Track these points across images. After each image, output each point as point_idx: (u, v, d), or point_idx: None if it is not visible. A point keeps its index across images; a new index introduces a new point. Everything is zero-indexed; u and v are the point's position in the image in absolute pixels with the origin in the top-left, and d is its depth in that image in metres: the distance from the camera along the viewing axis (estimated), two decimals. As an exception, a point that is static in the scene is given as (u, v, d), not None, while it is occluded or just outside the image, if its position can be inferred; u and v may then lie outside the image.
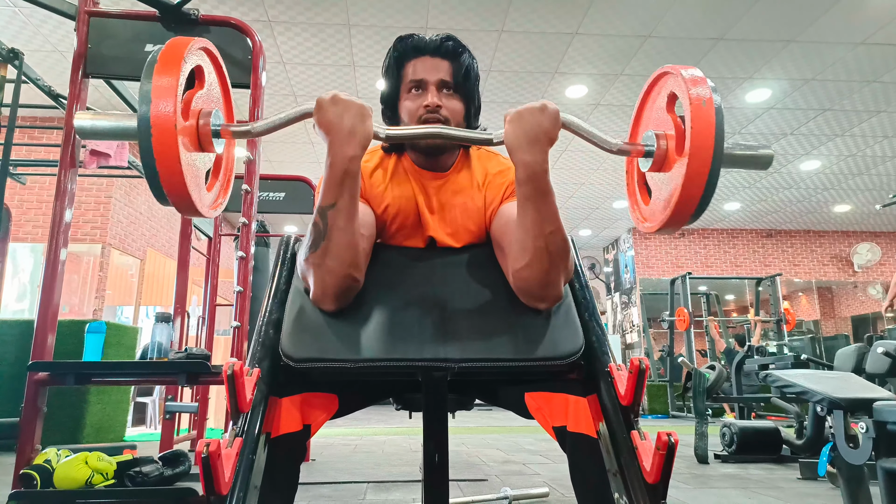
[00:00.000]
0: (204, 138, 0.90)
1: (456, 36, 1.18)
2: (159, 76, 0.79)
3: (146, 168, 0.80)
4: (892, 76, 5.54)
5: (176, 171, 0.80)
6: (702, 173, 0.84)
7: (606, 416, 0.95)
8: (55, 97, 3.37)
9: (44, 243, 5.07)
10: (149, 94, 0.78)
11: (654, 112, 1.00)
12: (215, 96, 0.98)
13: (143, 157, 0.79)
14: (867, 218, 10.18)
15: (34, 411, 2.10)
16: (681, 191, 0.86)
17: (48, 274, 2.22)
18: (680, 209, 0.88)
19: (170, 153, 0.79)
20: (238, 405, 0.87)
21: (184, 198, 0.84)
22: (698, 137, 0.83)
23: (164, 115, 0.78)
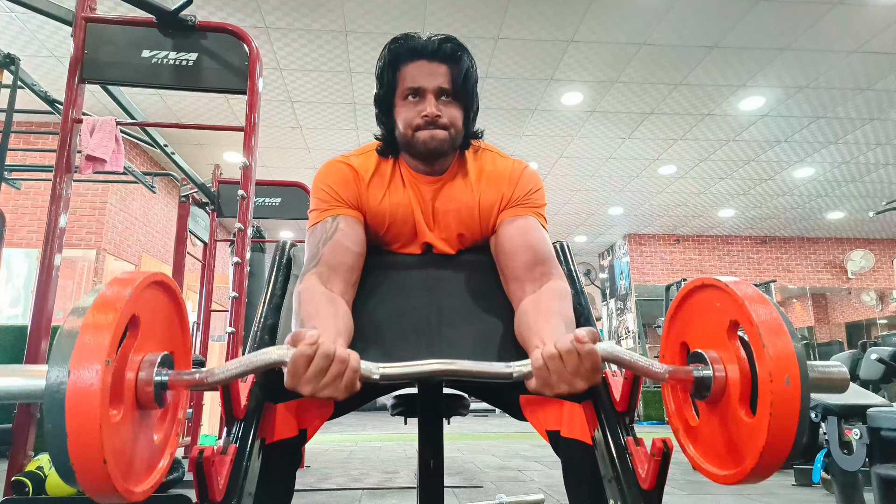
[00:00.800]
0: (144, 397, 0.70)
1: (454, 37, 1.12)
2: (86, 331, 0.61)
3: (52, 441, 0.59)
4: (886, 84, 5.58)
5: (94, 449, 0.59)
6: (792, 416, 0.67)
7: (601, 422, 0.95)
8: (51, 102, 3.37)
9: (38, 248, 5.05)
10: (67, 356, 0.60)
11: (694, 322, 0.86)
12: (164, 335, 0.79)
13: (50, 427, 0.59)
14: (861, 225, 10.23)
15: (27, 417, 2.08)
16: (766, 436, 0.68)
17: (42, 279, 2.21)
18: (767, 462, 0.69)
19: (88, 433, 0.59)
20: (233, 411, 0.87)
21: (102, 482, 0.61)
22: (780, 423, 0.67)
23: (86, 381, 0.59)
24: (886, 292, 11.11)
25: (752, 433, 0.71)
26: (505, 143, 6.77)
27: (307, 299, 0.97)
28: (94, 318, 0.63)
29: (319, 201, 1.13)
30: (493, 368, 0.80)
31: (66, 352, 0.60)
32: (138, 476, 0.70)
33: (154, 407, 0.72)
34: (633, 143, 6.90)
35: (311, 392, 0.75)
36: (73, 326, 0.62)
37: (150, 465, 0.74)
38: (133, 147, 6.55)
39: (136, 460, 0.70)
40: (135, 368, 0.70)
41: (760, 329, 0.70)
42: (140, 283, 0.69)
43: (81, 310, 0.64)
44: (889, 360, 3.35)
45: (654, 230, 10.64)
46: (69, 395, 0.59)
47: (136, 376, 0.70)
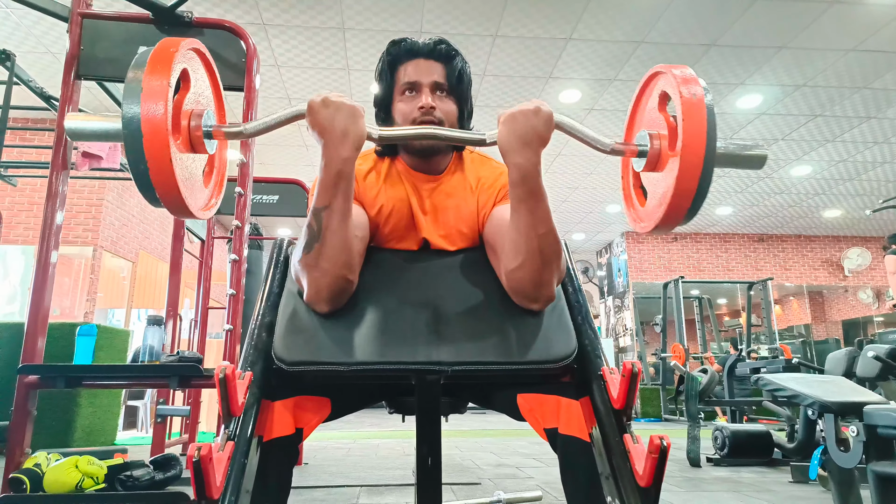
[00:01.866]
0: (195, 139, 0.88)
1: (448, 40, 1.19)
2: (150, 76, 0.77)
3: (135, 170, 0.78)
4: (883, 83, 5.59)
5: (168, 174, 0.78)
6: (694, 171, 0.84)
7: (599, 420, 0.95)
8: (47, 99, 3.36)
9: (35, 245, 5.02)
10: (137, 94, 0.76)
11: (647, 112, 1.00)
12: (206, 97, 0.97)
13: (132, 159, 0.77)
14: (858, 223, 10.26)
15: (24, 415, 2.08)
16: (674, 189, 0.85)
17: (39, 276, 2.21)
18: (674, 208, 0.88)
19: (161, 155, 0.77)
20: (230, 409, 0.86)
21: (176, 200, 0.82)
22: (690, 135, 0.83)
23: (155, 115, 0.76)
24: (883, 290, 11.15)
25: (673, 168, 0.87)
26: (503, 140, 6.77)
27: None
28: (154, 67, 0.77)
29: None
30: (469, 135, 0.98)
31: (135, 92, 0.76)
32: (198, 199, 0.91)
33: (203, 150, 0.89)
34: (630, 140, 6.90)
35: (327, 118, 0.91)
36: (137, 74, 0.77)
37: (205, 200, 0.96)
38: (130, 144, 6.53)
39: (195, 188, 0.90)
40: (188, 117, 0.87)
41: (682, 92, 0.84)
42: (184, 45, 0.84)
43: (142, 62, 0.78)
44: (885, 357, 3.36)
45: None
46: (143, 126, 0.75)
47: (188, 123, 0.87)
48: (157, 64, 0.78)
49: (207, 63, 0.97)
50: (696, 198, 0.86)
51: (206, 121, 0.89)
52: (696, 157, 0.83)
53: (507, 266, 1.02)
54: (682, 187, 0.85)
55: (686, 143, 0.83)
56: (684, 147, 0.83)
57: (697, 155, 0.83)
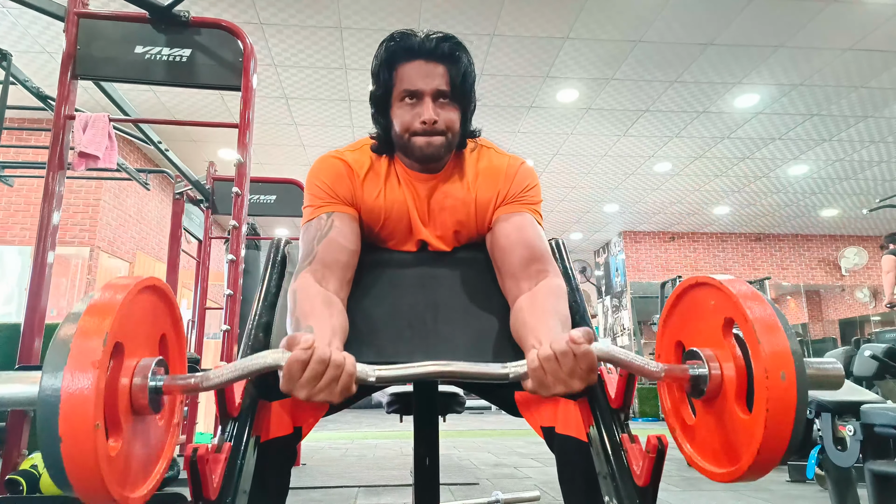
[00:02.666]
0: (138, 405, 0.69)
1: (452, 34, 1.09)
2: (79, 339, 0.61)
3: (46, 450, 0.59)
4: (879, 82, 5.60)
5: (89, 458, 0.59)
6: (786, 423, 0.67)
7: (597, 419, 0.95)
8: (43, 98, 3.34)
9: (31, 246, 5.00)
10: (62, 362, 0.60)
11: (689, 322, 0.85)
12: (158, 338, 0.79)
13: (44, 437, 0.59)
14: (854, 222, 10.28)
15: (21, 416, 2.07)
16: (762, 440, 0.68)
17: (35, 277, 2.20)
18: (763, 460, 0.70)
19: (82, 443, 0.58)
20: (227, 409, 0.86)
21: (98, 491, 0.61)
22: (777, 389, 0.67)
23: (79, 393, 0.58)
24: (880, 289, 11.17)
25: (748, 431, 0.70)
26: (500, 140, 6.77)
27: (302, 298, 0.96)
28: (87, 325, 0.62)
29: (314, 197, 1.12)
30: (489, 370, 0.80)
31: (60, 359, 0.60)
32: (135, 482, 0.70)
33: (150, 412, 0.71)
34: (628, 140, 6.90)
35: (306, 396, 0.74)
36: (67, 333, 0.62)
37: (146, 470, 0.73)
38: (126, 144, 6.51)
39: (132, 466, 0.69)
40: (129, 374, 0.69)
41: (755, 326, 0.70)
42: (133, 289, 0.69)
43: (75, 316, 0.63)
44: (882, 356, 3.37)
45: (649, 227, 10.66)
46: (63, 402, 0.58)
47: (130, 382, 0.69)
48: (93, 321, 0.63)
49: (166, 299, 0.80)
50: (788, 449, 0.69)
51: (155, 376, 0.71)
52: (788, 411, 0.67)
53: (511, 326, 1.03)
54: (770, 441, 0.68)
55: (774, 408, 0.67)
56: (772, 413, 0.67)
57: (789, 409, 0.67)
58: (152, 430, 0.76)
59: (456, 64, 1.07)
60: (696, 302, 0.84)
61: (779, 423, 0.67)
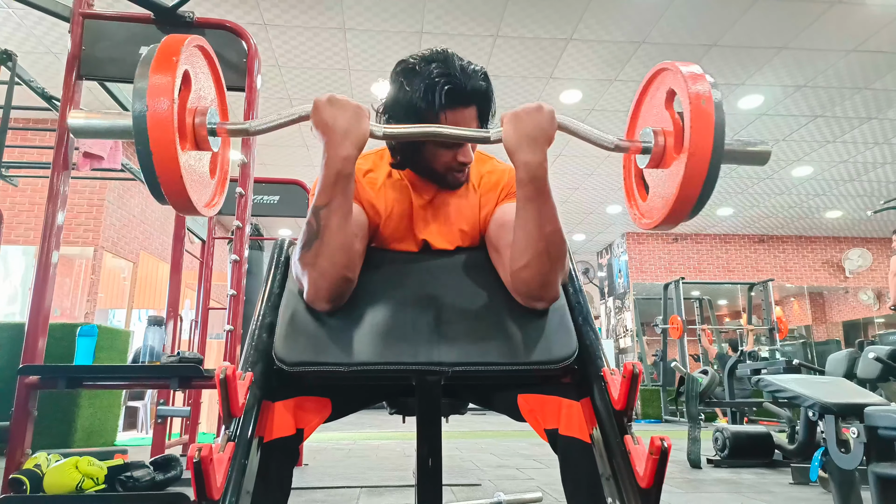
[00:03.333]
0: (200, 137, 0.89)
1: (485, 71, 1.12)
2: (155, 74, 0.78)
3: (143, 167, 0.79)
4: (884, 83, 5.59)
5: (174, 170, 0.79)
6: (701, 169, 0.84)
7: (600, 421, 0.95)
8: (48, 99, 3.36)
9: (35, 246, 5.02)
10: (144, 92, 0.77)
11: (652, 109, 1.00)
12: (210, 95, 0.98)
13: (140, 155, 0.78)
14: (858, 224, 10.25)
15: (24, 415, 2.08)
16: (680, 187, 0.85)
17: (39, 277, 2.21)
18: (680, 204, 0.88)
19: (167, 152, 0.78)
20: (231, 409, 0.86)
21: (182, 197, 0.83)
22: (698, 134, 0.83)
23: (161, 113, 0.77)
24: (884, 291, 11.14)
25: (678, 167, 0.86)
26: (503, 141, 6.77)
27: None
28: (159, 65, 0.79)
29: None
30: (473, 133, 0.98)
31: (142, 90, 0.77)
32: (203, 197, 0.91)
33: (207, 147, 0.90)
34: (631, 141, 6.89)
35: (330, 117, 0.92)
36: (144, 71, 0.79)
37: (211, 194, 0.97)
38: (130, 144, 6.51)
39: (200, 185, 0.90)
40: (192, 114, 0.87)
41: (689, 88, 0.84)
42: (188, 42, 0.84)
43: (147, 60, 0.79)
44: (886, 358, 3.36)
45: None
46: (149, 123, 0.77)
47: (193, 120, 0.87)
48: (161, 63, 0.80)
49: (211, 61, 0.97)
50: (701, 195, 0.86)
51: (211, 118, 0.90)
52: (704, 156, 0.83)
53: (513, 265, 1.02)
54: (688, 185, 0.85)
55: (694, 142, 0.83)
56: (692, 146, 0.83)
57: (704, 154, 0.83)
58: (210, 168, 0.99)
59: (486, 101, 1.11)
60: (654, 90, 0.99)
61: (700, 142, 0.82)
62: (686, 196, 0.86)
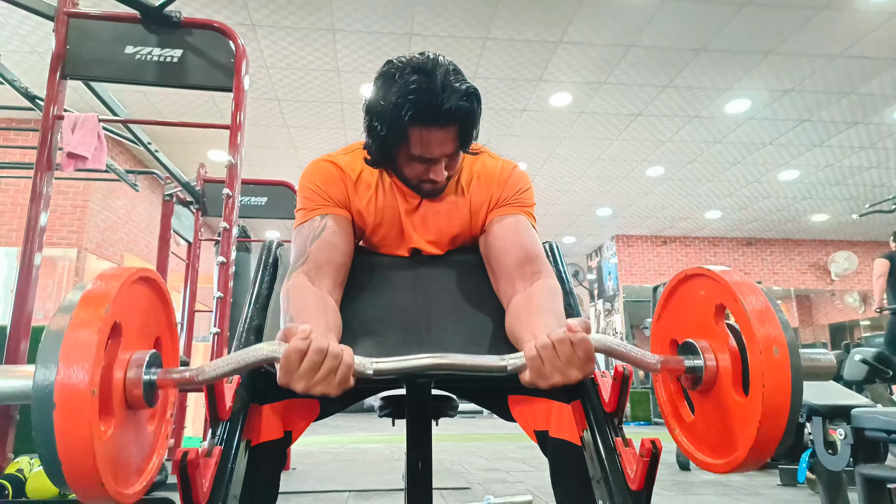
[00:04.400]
0: (132, 396, 0.69)
1: (473, 89, 1.02)
2: (73, 331, 0.60)
3: (42, 447, 0.58)
4: (869, 88, 5.65)
5: (85, 455, 0.58)
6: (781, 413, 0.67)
7: (590, 423, 0.95)
8: (32, 98, 3.31)
9: (18, 247, 4.95)
10: (55, 354, 0.59)
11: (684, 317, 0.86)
12: (152, 332, 0.78)
13: (39, 434, 0.58)
14: (844, 227, 10.36)
15: (6, 419, 2.04)
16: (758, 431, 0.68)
17: (22, 278, 2.17)
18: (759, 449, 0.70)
19: (78, 435, 0.57)
20: (217, 413, 0.85)
21: (95, 489, 0.60)
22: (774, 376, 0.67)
23: (74, 386, 0.57)
24: (869, 294, 11.26)
25: (746, 414, 0.70)
26: (493, 143, 6.77)
27: (295, 296, 0.96)
28: (81, 317, 0.61)
29: (307, 200, 1.12)
30: (487, 362, 0.79)
31: (53, 351, 0.59)
32: (128, 478, 0.69)
33: (143, 406, 0.71)
34: (620, 144, 6.93)
35: (304, 388, 0.73)
36: (61, 325, 0.61)
37: (140, 466, 0.72)
38: (116, 145, 6.46)
39: (126, 461, 0.69)
40: (123, 367, 0.68)
41: (747, 309, 0.70)
42: (126, 280, 0.68)
43: (68, 307, 0.62)
44: (872, 361, 3.39)
45: (641, 231, 10.70)
46: (58, 394, 0.57)
47: (124, 376, 0.68)
48: (85, 315, 0.62)
49: (159, 290, 0.79)
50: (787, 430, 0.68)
51: (150, 367, 0.71)
52: (784, 387, 0.67)
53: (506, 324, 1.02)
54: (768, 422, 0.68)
55: (769, 383, 0.67)
56: (767, 389, 0.67)
57: (785, 384, 0.67)
58: (146, 424, 0.75)
59: (468, 120, 1.02)
60: (688, 294, 0.84)
61: (775, 401, 0.67)
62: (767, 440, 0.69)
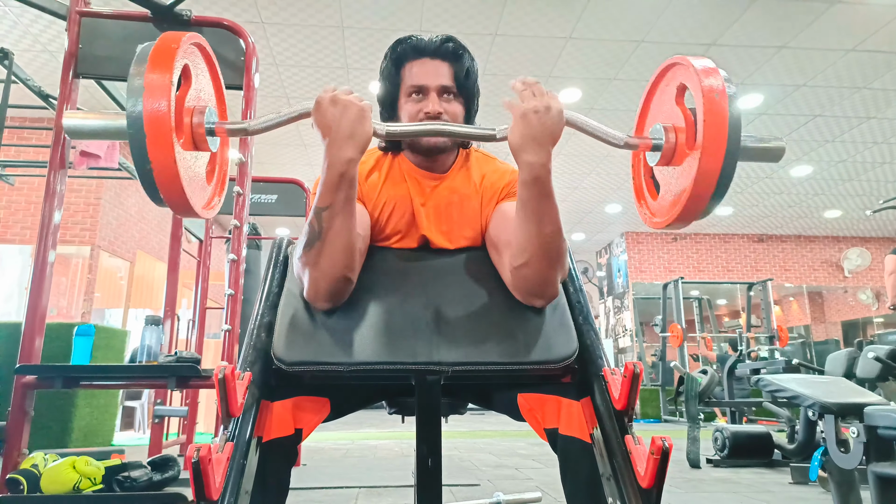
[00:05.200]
0: (198, 137, 0.86)
1: (455, 37, 1.16)
2: (152, 72, 0.75)
3: (139, 168, 0.76)
4: (882, 83, 5.59)
5: (171, 171, 0.76)
6: (715, 167, 0.81)
7: (600, 420, 0.95)
8: (45, 97, 3.34)
9: (32, 245, 5.00)
10: (140, 91, 0.74)
11: (662, 105, 0.98)
12: (208, 93, 0.95)
13: (136, 156, 0.76)
14: (857, 223, 10.26)
15: (21, 415, 2.07)
16: (693, 184, 0.83)
17: (36, 276, 2.19)
18: (692, 203, 0.85)
19: (164, 153, 0.75)
20: (229, 409, 0.86)
21: (180, 199, 0.80)
22: (711, 129, 0.80)
23: (158, 112, 0.74)
24: (882, 291, 11.15)
25: (688, 168, 0.84)
26: (502, 140, 6.76)
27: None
28: (156, 61, 0.76)
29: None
30: (478, 130, 0.96)
31: (138, 89, 0.74)
32: (201, 201, 0.89)
33: (206, 148, 0.88)
34: (630, 140, 6.89)
35: (333, 117, 0.90)
36: (139, 70, 0.75)
37: (208, 198, 0.94)
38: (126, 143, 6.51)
39: (199, 187, 0.88)
40: (190, 114, 0.85)
41: (703, 88, 0.81)
42: (185, 39, 0.82)
43: (143, 58, 0.76)
44: (886, 358, 3.36)
45: (651, 228, 10.63)
46: (146, 122, 0.74)
47: (191, 120, 0.85)
48: (158, 60, 0.77)
49: (209, 58, 0.95)
50: (715, 193, 0.83)
51: (209, 117, 0.88)
52: (717, 153, 0.80)
53: (513, 263, 1.02)
54: (701, 183, 0.82)
55: (707, 138, 0.80)
56: (705, 142, 0.80)
57: (718, 150, 0.80)
58: (208, 169, 0.96)
59: (459, 61, 1.14)
60: (665, 86, 0.96)
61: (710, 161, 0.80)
62: (699, 193, 0.83)
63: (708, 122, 0.80)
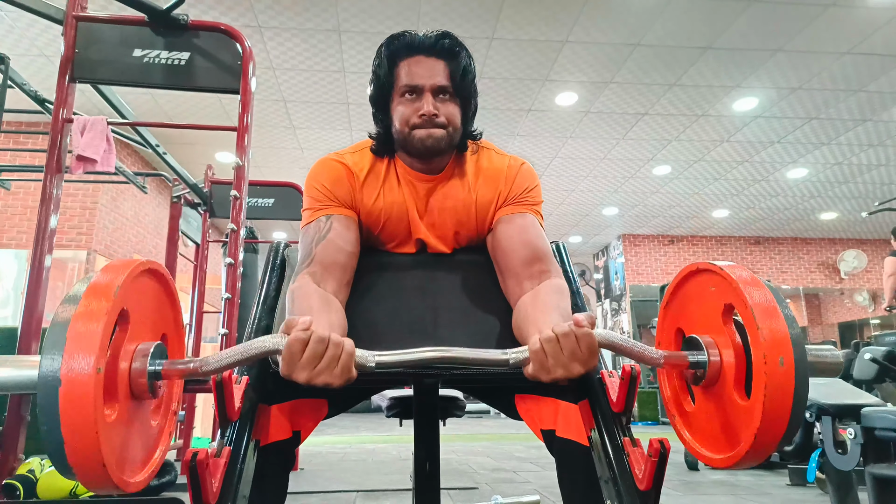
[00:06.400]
0: (138, 386, 0.69)
1: (451, 33, 1.10)
2: (79, 321, 0.60)
3: (47, 434, 0.59)
4: (878, 85, 5.61)
5: (89, 448, 0.59)
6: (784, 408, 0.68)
7: (598, 423, 0.95)
8: (41, 102, 3.33)
9: (28, 249, 4.99)
10: (61, 346, 0.59)
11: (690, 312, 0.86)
12: (158, 327, 0.79)
13: (45, 426, 0.59)
14: (853, 225, 10.29)
15: (17, 420, 2.06)
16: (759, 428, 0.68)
17: (32, 280, 2.19)
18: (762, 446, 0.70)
19: (82, 425, 0.58)
20: (227, 413, 0.85)
21: (98, 477, 0.61)
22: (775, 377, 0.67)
23: (80, 377, 0.58)
24: (879, 292, 11.17)
25: (746, 416, 0.71)
26: (499, 143, 6.72)
27: (299, 297, 0.96)
28: (86, 308, 0.61)
29: (313, 200, 1.12)
30: (490, 355, 0.79)
31: (59, 342, 0.59)
32: (134, 467, 0.70)
33: (148, 397, 0.72)
34: (627, 143, 6.91)
35: (306, 378, 0.74)
36: (66, 316, 0.61)
37: (145, 456, 0.73)
38: (124, 147, 6.50)
39: (131, 451, 0.70)
40: (128, 358, 0.69)
41: (755, 311, 0.70)
42: (132, 272, 0.68)
43: (74, 298, 0.62)
44: (882, 359, 3.36)
45: (648, 231, 10.66)
46: (63, 386, 0.58)
47: (129, 366, 0.69)
48: (92, 303, 0.62)
49: (165, 282, 0.80)
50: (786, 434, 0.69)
51: (155, 358, 0.71)
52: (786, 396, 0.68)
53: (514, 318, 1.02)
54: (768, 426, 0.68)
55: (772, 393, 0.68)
56: (769, 396, 0.68)
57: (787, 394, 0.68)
58: (150, 415, 0.76)
59: (456, 59, 1.08)
60: (696, 289, 0.84)
61: (776, 408, 0.67)
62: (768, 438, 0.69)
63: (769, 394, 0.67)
